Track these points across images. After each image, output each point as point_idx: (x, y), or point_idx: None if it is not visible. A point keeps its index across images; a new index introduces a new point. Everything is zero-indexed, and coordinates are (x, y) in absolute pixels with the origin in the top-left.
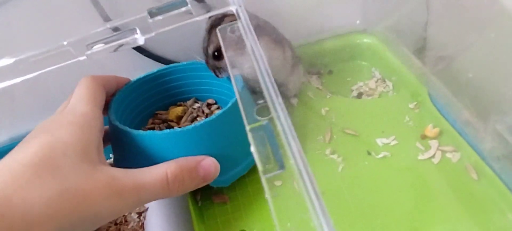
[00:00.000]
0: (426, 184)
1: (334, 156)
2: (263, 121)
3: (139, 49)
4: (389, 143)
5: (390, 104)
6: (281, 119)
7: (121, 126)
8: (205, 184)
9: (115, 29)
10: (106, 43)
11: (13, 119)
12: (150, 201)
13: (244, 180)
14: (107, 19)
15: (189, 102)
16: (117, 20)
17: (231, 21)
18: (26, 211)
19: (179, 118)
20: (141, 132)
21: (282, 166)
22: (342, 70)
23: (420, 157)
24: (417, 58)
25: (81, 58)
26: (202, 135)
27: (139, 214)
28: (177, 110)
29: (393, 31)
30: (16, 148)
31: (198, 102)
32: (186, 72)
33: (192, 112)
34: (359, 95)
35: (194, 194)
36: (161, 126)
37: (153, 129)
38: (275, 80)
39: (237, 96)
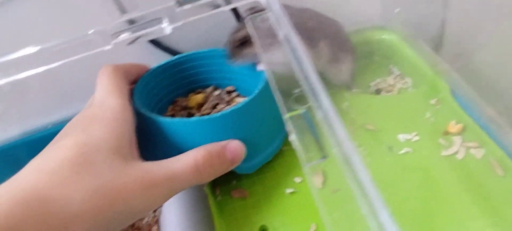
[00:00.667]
0: (450, 180)
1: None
2: (302, 109)
3: (155, 42)
4: (411, 139)
5: (410, 101)
6: (325, 106)
7: (148, 113)
8: (233, 167)
9: (131, 22)
10: (132, 32)
11: (25, 113)
12: (182, 189)
13: (264, 175)
14: (123, 11)
15: (208, 89)
16: (140, 11)
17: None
18: (64, 208)
19: (199, 105)
20: (168, 119)
21: (324, 155)
22: (360, 66)
23: (444, 153)
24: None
25: (106, 48)
26: (229, 122)
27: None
28: (197, 97)
29: (411, 28)
30: (50, 146)
31: (217, 90)
32: (206, 60)
33: (212, 100)
34: (378, 91)
35: (213, 188)
36: (181, 112)
37: (173, 115)
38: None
39: (273, 84)
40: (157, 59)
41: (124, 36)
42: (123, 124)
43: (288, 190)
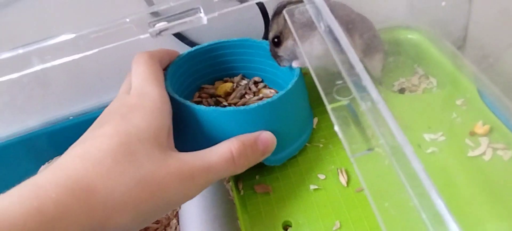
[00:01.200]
0: (477, 181)
1: (379, 150)
2: (345, 100)
3: (180, 36)
4: (437, 139)
5: (436, 101)
6: (374, 97)
7: (181, 100)
8: (264, 158)
9: (155, 13)
10: (169, 21)
11: (45, 105)
12: (216, 180)
13: (287, 170)
14: (150, 3)
15: (236, 78)
16: (170, 2)
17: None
18: (107, 198)
19: (227, 94)
20: (202, 107)
21: (370, 147)
22: (384, 65)
23: (470, 154)
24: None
25: (142, 36)
26: (263, 114)
27: None
28: (226, 86)
29: (433, 29)
30: (90, 132)
31: (245, 79)
32: (235, 49)
33: (240, 89)
34: (402, 91)
35: (236, 183)
36: (208, 100)
37: (200, 102)
38: None
39: (314, 76)
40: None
41: (161, 25)
42: (163, 114)
43: (312, 187)
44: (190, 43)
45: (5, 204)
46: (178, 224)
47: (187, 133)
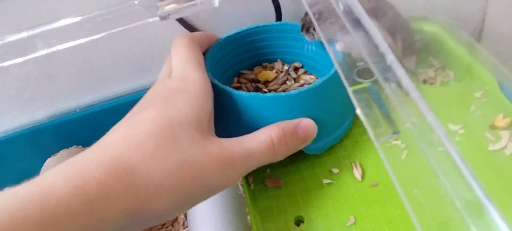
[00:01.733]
0: (499, 175)
1: (398, 142)
2: (367, 83)
3: (186, 24)
4: (456, 132)
5: (454, 93)
6: (399, 77)
7: (221, 85)
8: (304, 146)
9: None
10: (179, 3)
11: (52, 97)
12: (256, 167)
13: (299, 164)
14: None
15: (277, 64)
16: None
17: None
18: (149, 181)
19: (267, 80)
20: (243, 93)
21: (396, 130)
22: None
23: (491, 148)
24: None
25: (151, 20)
26: (304, 100)
27: None
28: (268, 74)
29: (451, 20)
30: (132, 115)
31: (285, 65)
32: (274, 33)
33: (281, 77)
34: (424, 81)
35: (246, 177)
36: (248, 85)
37: (239, 87)
38: None
39: (334, 61)
40: None
41: (170, 7)
42: (205, 98)
43: (325, 181)
44: (195, 30)
45: (49, 182)
46: (186, 219)
47: (227, 119)
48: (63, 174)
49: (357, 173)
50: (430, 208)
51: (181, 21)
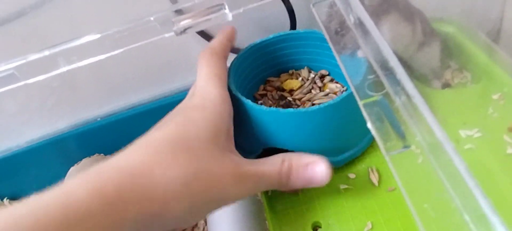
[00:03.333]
0: None
1: (412, 147)
2: (378, 96)
3: (201, 33)
4: (472, 135)
5: (470, 95)
6: (410, 92)
7: (243, 99)
8: (311, 186)
9: (179, 11)
10: (193, 19)
11: (74, 107)
12: (264, 189)
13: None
14: (174, 1)
15: (303, 71)
16: None
17: None
18: (166, 186)
19: (291, 89)
20: (263, 107)
21: (406, 144)
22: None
23: (509, 151)
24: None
25: (167, 35)
26: (324, 116)
27: None
28: (293, 83)
29: (468, 21)
30: (152, 130)
31: (311, 72)
32: (301, 41)
33: (307, 86)
34: (444, 85)
35: None
36: (273, 93)
37: (265, 95)
38: (400, 59)
39: (343, 69)
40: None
41: (185, 22)
42: (222, 115)
43: (342, 186)
44: None
45: (71, 186)
46: (206, 224)
47: (248, 130)
48: (83, 179)
49: (374, 178)
50: (440, 222)
51: (201, 33)
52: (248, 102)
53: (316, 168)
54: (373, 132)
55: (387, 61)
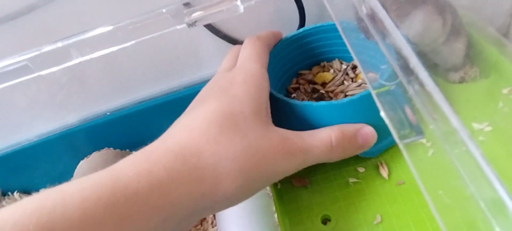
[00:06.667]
0: None
1: (423, 140)
2: (391, 85)
3: (211, 28)
4: (483, 129)
5: (480, 89)
6: (422, 80)
7: (276, 93)
8: (361, 151)
9: (190, 4)
10: (205, 11)
11: (83, 102)
12: (313, 163)
13: (324, 163)
14: None
15: (335, 63)
16: None
17: None
18: (216, 164)
19: (325, 82)
20: (296, 101)
21: (419, 132)
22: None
23: None
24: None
25: (179, 26)
26: (358, 107)
27: None
28: (325, 76)
29: (477, 14)
30: (194, 107)
31: (343, 64)
32: (332, 33)
33: (339, 78)
34: (461, 80)
35: None
36: (305, 86)
37: (298, 89)
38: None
39: (355, 57)
40: (214, 47)
41: (197, 14)
42: (262, 90)
43: (351, 180)
44: (225, 37)
45: (119, 168)
46: (214, 218)
47: (283, 125)
48: (131, 161)
49: (383, 171)
50: (455, 209)
51: (207, 25)
52: (281, 96)
53: (365, 132)
54: (386, 121)
55: (400, 50)
